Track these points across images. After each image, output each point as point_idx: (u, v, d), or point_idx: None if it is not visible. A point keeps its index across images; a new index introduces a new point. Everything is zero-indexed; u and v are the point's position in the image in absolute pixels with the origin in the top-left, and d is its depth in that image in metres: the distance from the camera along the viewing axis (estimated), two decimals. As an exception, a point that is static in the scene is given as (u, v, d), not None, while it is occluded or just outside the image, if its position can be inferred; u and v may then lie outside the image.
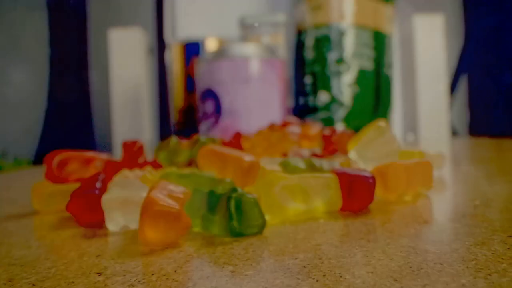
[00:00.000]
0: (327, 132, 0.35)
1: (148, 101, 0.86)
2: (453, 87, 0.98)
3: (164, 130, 0.90)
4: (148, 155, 0.37)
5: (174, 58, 0.78)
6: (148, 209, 0.18)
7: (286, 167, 0.27)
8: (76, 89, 1.01)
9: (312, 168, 0.28)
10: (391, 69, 0.77)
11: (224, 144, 0.43)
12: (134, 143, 0.35)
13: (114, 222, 0.22)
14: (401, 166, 0.25)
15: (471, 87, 1.04)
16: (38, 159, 0.89)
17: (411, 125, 0.88)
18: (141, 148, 0.35)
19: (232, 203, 0.19)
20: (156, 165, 0.33)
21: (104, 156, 0.31)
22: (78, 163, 0.29)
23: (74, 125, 0.99)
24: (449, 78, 0.97)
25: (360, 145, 0.26)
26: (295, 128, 0.40)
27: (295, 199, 0.22)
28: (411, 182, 0.25)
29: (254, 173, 0.27)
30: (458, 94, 1.01)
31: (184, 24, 0.84)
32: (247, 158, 0.26)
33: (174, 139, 0.33)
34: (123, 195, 0.22)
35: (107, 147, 0.89)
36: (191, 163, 0.30)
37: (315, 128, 0.42)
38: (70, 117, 0.99)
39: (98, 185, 0.24)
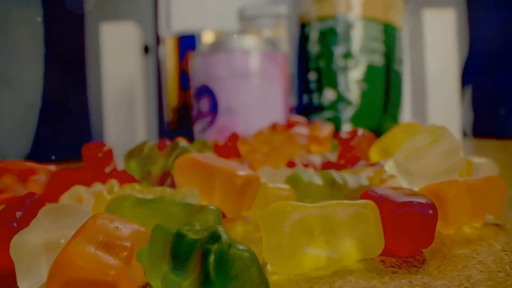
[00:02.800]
0: (344, 134, 0.27)
1: (143, 100, 0.78)
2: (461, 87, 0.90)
3: (162, 131, 0.82)
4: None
5: (168, 53, 0.69)
6: (55, 278, 0.10)
7: (297, 184, 0.19)
8: (72, 87, 0.93)
9: (332, 185, 0.19)
10: (402, 65, 0.69)
11: (218, 147, 0.34)
12: (99, 146, 0.26)
13: (30, 278, 0.13)
14: (465, 186, 0.16)
15: (475, 87, 0.96)
16: (31, 160, 0.81)
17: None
18: (108, 154, 0.26)
19: (212, 261, 0.11)
20: (125, 177, 0.25)
21: (51, 166, 0.22)
22: (12, 177, 0.20)
23: (70, 125, 0.91)
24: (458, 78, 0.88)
25: (404, 153, 0.17)
26: (302, 129, 0.31)
27: (314, 242, 0.14)
28: (478, 208, 0.17)
29: (252, 193, 0.18)
30: (464, 95, 0.93)
31: (179, 16, 0.75)
32: (242, 172, 0.18)
33: (149, 143, 0.24)
34: (47, 234, 0.14)
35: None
36: (165, 177, 0.21)
37: (325, 129, 0.34)
38: (66, 117, 0.91)
39: (19, 214, 0.15)
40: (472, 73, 0.93)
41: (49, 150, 0.81)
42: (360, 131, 0.27)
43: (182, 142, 0.21)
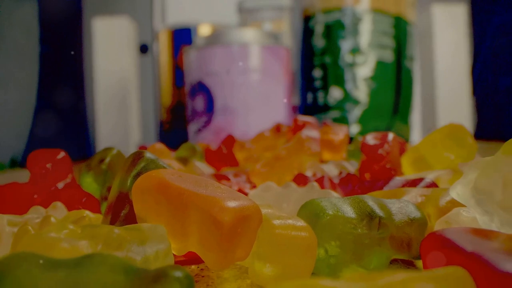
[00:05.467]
0: (370, 139, 0.20)
1: (139, 99, 0.71)
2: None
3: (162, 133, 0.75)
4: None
5: (161, 47, 0.62)
6: None
7: (318, 219, 0.12)
8: (69, 86, 0.87)
9: (370, 219, 0.12)
10: (413, 62, 0.62)
11: (210, 153, 0.28)
12: (49, 154, 0.19)
13: None
14: None
15: (478, 88, 0.90)
16: (25, 162, 0.75)
17: (429, 126, 0.73)
18: (63, 164, 0.19)
19: None
20: (80, 197, 0.18)
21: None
22: None
23: (67, 125, 0.85)
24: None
25: (492, 175, 0.10)
26: (313, 132, 0.24)
27: None
28: None
29: (248, 235, 0.11)
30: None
31: (174, 9, 0.68)
32: (232, 203, 0.11)
33: (113, 151, 0.18)
34: None
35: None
36: (121, 204, 0.14)
37: (340, 132, 0.27)
38: (62, 117, 0.84)
39: None
40: (477, 75, 0.87)
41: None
42: (391, 135, 0.20)
43: (148, 152, 0.14)
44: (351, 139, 0.32)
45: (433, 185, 0.16)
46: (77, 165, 0.19)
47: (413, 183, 0.16)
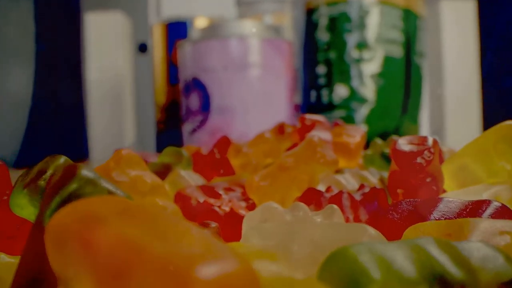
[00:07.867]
0: (403, 144, 0.15)
1: (135, 99, 0.66)
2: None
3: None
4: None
5: (155, 42, 0.57)
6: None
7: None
8: (66, 85, 0.82)
9: (443, 286, 0.07)
10: (423, 59, 0.57)
11: (199, 159, 0.22)
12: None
13: None
14: None
15: (486, 86, 0.86)
16: (20, 164, 0.71)
17: (436, 127, 0.69)
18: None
19: None
20: (12, 224, 0.13)
21: None
22: None
23: (64, 124, 0.81)
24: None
25: None
26: (325, 133, 0.19)
27: None
28: None
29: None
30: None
31: (170, 1, 0.64)
32: (205, 269, 0.06)
33: (61, 160, 0.13)
34: None
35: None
36: (34, 250, 0.09)
37: (356, 134, 0.22)
38: (60, 117, 0.80)
39: None
40: (485, 73, 0.83)
41: (41, 152, 0.70)
42: (430, 139, 0.15)
43: (85, 168, 0.09)
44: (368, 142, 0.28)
45: (505, 210, 0.11)
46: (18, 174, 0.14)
47: (476, 207, 0.11)
